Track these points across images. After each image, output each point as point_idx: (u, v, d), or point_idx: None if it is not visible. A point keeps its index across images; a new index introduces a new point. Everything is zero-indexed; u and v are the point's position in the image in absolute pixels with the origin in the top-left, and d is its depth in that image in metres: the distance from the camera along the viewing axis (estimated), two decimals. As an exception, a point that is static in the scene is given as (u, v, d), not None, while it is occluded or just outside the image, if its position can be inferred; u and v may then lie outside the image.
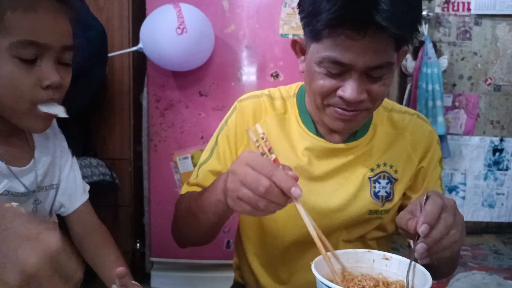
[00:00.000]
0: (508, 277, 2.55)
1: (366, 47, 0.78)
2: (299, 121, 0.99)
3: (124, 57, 2.18)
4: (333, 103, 0.86)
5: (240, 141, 1.01)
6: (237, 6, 2.12)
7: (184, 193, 1.01)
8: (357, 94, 0.82)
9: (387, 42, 0.79)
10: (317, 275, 0.63)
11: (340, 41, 0.79)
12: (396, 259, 0.72)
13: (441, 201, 0.71)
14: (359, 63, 0.80)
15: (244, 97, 1.04)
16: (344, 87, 0.82)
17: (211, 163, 1.01)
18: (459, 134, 3.03)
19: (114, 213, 2.24)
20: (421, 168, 0.99)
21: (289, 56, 2.12)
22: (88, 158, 1.95)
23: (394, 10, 0.74)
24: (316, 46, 0.83)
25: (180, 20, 1.85)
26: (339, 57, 0.80)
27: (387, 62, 0.81)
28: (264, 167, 0.67)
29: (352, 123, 0.89)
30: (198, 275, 2.26)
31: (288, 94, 1.04)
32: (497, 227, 3.15)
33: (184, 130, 2.18)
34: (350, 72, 0.81)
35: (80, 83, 1.82)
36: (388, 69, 0.83)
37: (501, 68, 2.99)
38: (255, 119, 1.00)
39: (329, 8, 0.76)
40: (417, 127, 1.01)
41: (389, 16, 0.74)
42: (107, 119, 2.22)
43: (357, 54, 0.79)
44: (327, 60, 0.81)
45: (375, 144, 0.98)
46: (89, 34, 1.81)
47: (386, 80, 0.84)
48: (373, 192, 0.96)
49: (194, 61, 2.01)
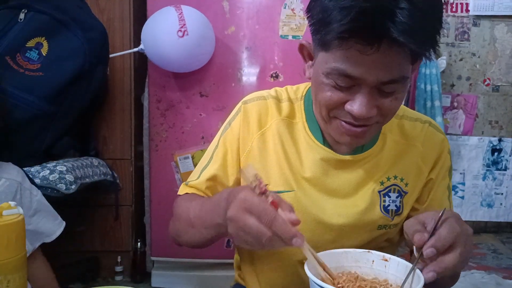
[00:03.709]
0: (506, 276, 2.57)
1: (379, 61, 0.72)
2: (306, 128, 0.93)
3: (125, 58, 2.19)
4: (340, 116, 0.80)
5: (243, 147, 0.94)
6: (237, 8, 2.13)
7: (183, 195, 0.97)
8: (367, 110, 0.76)
9: (402, 56, 0.73)
10: (310, 275, 0.64)
11: (351, 54, 0.73)
12: (395, 261, 0.73)
13: (458, 230, 0.68)
14: (370, 78, 0.74)
15: (250, 98, 0.98)
16: (352, 102, 0.77)
17: (210, 168, 0.96)
18: (458, 134, 3.04)
19: (115, 212, 2.25)
20: (430, 180, 0.94)
21: (289, 57, 2.14)
22: (90, 158, 1.97)
23: (412, 23, 0.67)
24: (325, 55, 0.77)
25: (181, 23, 1.86)
26: (349, 70, 0.74)
27: (401, 76, 0.75)
28: (264, 214, 0.63)
29: (360, 139, 0.83)
30: (199, 274, 2.28)
31: (296, 96, 0.98)
32: (496, 226, 3.17)
33: (185, 131, 2.19)
34: (360, 86, 0.75)
35: (81, 84, 1.83)
36: (402, 84, 0.77)
37: (500, 68, 3.01)
38: (260, 123, 0.94)
39: (340, 19, 0.70)
40: (429, 137, 0.95)
41: (406, 30, 0.67)
42: (108, 119, 2.23)
43: (368, 68, 0.73)
44: (336, 72, 0.75)
45: (384, 154, 0.92)
46: (90, 35, 1.82)
47: (399, 94, 0.78)
48: (383, 206, 0.91)
49: (195, 63, 2.02)
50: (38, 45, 1.74)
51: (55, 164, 1.69)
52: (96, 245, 2.28)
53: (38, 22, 1.75)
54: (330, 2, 0.72)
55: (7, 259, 0.63)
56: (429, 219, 0.70)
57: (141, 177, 2.35)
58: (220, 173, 0.95)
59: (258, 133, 0.94)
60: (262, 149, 0.93)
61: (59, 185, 1.62)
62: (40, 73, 1.72)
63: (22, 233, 0.67)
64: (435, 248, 0.65)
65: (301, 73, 0.91)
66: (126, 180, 2.26)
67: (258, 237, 0.63)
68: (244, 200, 0.65)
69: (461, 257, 0.66)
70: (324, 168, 0.90)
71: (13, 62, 1.71)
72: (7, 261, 0.63)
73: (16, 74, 1.70)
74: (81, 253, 2.27)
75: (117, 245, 2.29)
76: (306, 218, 0.89)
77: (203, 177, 0.96)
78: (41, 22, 1.75)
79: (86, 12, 1.91)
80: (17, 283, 0.65)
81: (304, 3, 2.10)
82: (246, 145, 0.94)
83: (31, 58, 1.73)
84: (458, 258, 0.66)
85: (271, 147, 0.93)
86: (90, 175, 1.87)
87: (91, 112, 2.10)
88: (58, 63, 1.75)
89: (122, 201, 2.25)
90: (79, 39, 1.79)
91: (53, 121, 1.77)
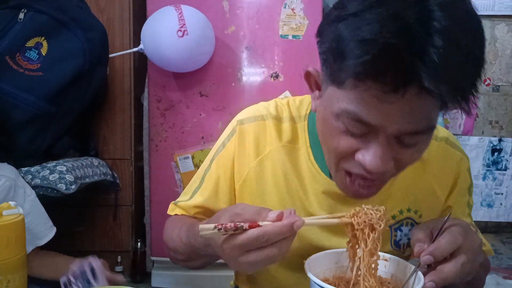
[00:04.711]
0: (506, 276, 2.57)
1: (403, 109, 0.58)
2: (310, 155, 0.81)
3: (125, 58, 2.19)
4: (350, 168, 0.67)
5: (238, 174, 0.83)
6: (237, 7, 2.13)
7: (173, 217, 0.90)
8: (382, 164, 0.63)
9: (431, 104, 0.59)
10: (311, 276, 0.63)
11: (368, 97, 0.59)
12: (395, 261, 0.73)
13: (460, 239, 0.63)
14: (390, 128, 0.61)
15: (246, 117, 0.85)
16: (365, 151, 0.63)
17: (200, 195, 0.87)
18: (458, 134, 3.03)
19: (115, 212, 2.25)
20: (447, 208, 0.85)
21: (289, 57, 2.14)
22: (90, 158, 1.97)
23: (449, 66, 0.54)
24: (336, 91, 0.63)
25: (181, 23, 1.86)
26: (364, 116, 0.60)
27: (427, 127, 0.63)
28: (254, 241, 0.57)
29: (368, 190, 0.70)
30: (198, 274, 2.27)
31: (299, 113, 0.84)
32: (496, 226, 3.17)
33: (185, 130, 2.19)
34: (377, 134, 0.62)
35: (81, 84, 1.83)
36: (428, 135, 0.65)
37: (500, 68, 3.01)
38: (258, 148, 0.83)
39: (358, 55, 0.56)
40: (445, 156, 0.83)
41: (440, 75, 0.54)
42: (108, 119, 2.23)
43: (389, 116, 0.59)
44: (348, 116, 0.62)
45: (396, 185, 0.80)
46: (90, 35, 1.82)
47: (422, 145, 0.66)
48: (394, 241, 0.82)
49: (194, 63, 2.02)
50: (37, 45, 1.74)
51: (55, 164, 1.69)
52: (96, 245, 2.28)
53: (37, 22, 1.75)
54: (346, 29, 0.58)
55: (7, 259, 0.63)
56: (437, 227, 0.67)
57: (141, 177, 2.35)
58: (210, 203, 0.86)
59: (256, 160, 0.83)
60: (260, 179, 0.83)
61: (59, 185, 1.62)
62: (40, 73, 1.72)
63: (22, 233, 0.67)
64: (433, 256, 0.62)
65: (301, 73, 0.86)
66: (126, 180, 2.26)
67: (268, 260, 0.58)
68: (227, 250, 0.59)
69: (463, 267, 0.62)
70: (328, 203, 0.80)
71: (13, 62, 1.71)
72: (7, 261, 0.63)
73: (16, 74, 1.70)
74: (81, 253, 2.27)
75: (117, 245, 2.29)
76: (309, 250, 0.78)
77: (192, 201, 0.88)
78: (41, 22, 1.75)
79: (86, 12, 1.91)
80: (17, 283, 0.65)
81: (304, 3, 2.10)
82: (241, 172, 0.83)
83: (30, 58, 1.73)
84: (460, 269, 0.62)
85: (270, 177, 0.82)
86: (90, 175, 1.87)
87: (91, 112, 2.10)
88: (58, 63, 1.75)
89: (122, 201, 2.25)
90: (79, 39, 1.79)
91: (53, 121, 1.77)
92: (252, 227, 0.57)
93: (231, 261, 0.60)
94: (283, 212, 0.59)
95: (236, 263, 0.60)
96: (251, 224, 0.58)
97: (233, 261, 0.60)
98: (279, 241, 0.58)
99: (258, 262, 0.58)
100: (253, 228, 0.57)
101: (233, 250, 0.58)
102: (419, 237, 0.67)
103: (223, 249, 0.59)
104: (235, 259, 0.59)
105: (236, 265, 0.60)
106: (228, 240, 0.58)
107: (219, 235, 0.58)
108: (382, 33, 0.55)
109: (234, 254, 0.58)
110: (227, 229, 0.57)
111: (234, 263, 0.60)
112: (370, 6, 0.57)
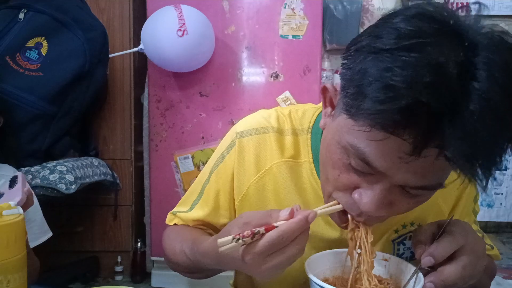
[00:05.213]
0: (507, 276, 2.56)
1: (416, 165, 0.54)
2: (313, 171, 0.77)
3: (125, 58, 2.19)
4: (340, 200, 0.64)
5: (238, 188, 0.80)
6: (237, 7, 2.13)
7: (173, 227, 0.88)
8: (376, 210, 0.59)
9: (448, 167, 0.55)
10: (311, 276, 0.63)
11: (382, 145, 0.54)
12: (395, 261, 0.73)
13: (462, 241, 0.62)
14: (396, 178, 0.57)
15: (246, 130, 0.80)
16: (364, 191, 0.60)
17: (200, 209, 0.84)
18: (458, 134, 3.04)
19: (115, 212, 2.25)
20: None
21: (289, 56, 2.14)
22: (90, 158, 1.97)
23: (479, 135, 0.48)
24: (348, 122, 0.57)
25: (181, 22, 1.86)
26: (373, 160, 0.56)
27: (437, 184, 0.59)
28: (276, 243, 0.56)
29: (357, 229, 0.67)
30: (199, 274, 2.28)
31: (302, 125, 0.80)
32: (496, 226, 3.17)
33: (185, 130, 2.19)
34: (381, 179, 0.58)
35: (81, 84, 1.83)
36: (434, 190, 0.61)
37: (500, 68, 3.01)
38: (259, 164, 0.79)
39: (381, 101, 0.49)
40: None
41: (466, 143, 0.49)
42: (108, 119, 2.23)
43: (398, 168, 0.55)
44: (354, 153, 0.57)
45: None
46: (90, 35, 1.82)
47: (423, 198, 0.62)
48: (397, 255, 0.79)
49: (194, 62, 2.02)
50: (37, 45, 1.75)
51: (55, 164, 1.69)
52: (96, 245, 2.28)
53: (37, 22, 1.75)
54: (374, 66, 0.51)
55: (7, 259, 0.63)
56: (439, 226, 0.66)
57: (141, 177, 2.35)
58: (210, 218, 0.84)
59: (256, 177, 0.79)
60: (260, 196, 0.80)
61: (59, 185, 1.62)
62: (40, 73, 1.72)
63: (22, 233, 0.67)
64: (432, 256, 0.61)
65: (301, 73, 0.85)
66: (126, 180, 2.26)
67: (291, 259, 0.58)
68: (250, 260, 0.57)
69: (464, 269, 0.61)
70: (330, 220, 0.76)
71: (13, 62, 1.71)
72: (7, 261, 0.63)
73: (16, 74, 1.70)
74: (81, 253, 2.27)
75: (117, 245, 2.30)
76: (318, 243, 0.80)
77: (192, 215, 0.85)
78: (41, 22, 1.76)
79: (86, 12, 1.91)
80: (17, 283, 0.65)
81: (304, 3, 2.11)
82: (241, 187, 0.80)
83: (30, 58, 1.73)
84: (460, 271, 0.61)
85: (271, 194, 0.80)
86: (90, 175, 1.87)
87: (91, 112, 2.10)
88: (58, 63, 1.75)
89: (122, 201, 2.25)
90: (79, 39, 1.79)
91: (53, 121, 1.77)
92: (268, 230, 0.56)
93: (255, 271, 0.59)
94: (293, 209, 0.58)
95: (260, 272, 0.59)
96: (267, 227, 0.57)
97: (257, 271, 0.59)
98: (297, 238, 0.57)
99: (281, 263, 0.58)
100: (270, 230, 0.56)
101: (255, 258, 0.57)
102: (420, 239, 0.66)
103: (245, 261, 0.58)
104: (259, 267, 0.58)
105: (261, 273, 0.59)
106: (248, 250, 0.57)
107: (238, 247, 0.57)
108: (414, 85, 0.48)
109: (257, 262, 0.57)
110: (245, 237, 0.56)
111: (258, 272, 0.59)
112: (409, 47, 0.49)
